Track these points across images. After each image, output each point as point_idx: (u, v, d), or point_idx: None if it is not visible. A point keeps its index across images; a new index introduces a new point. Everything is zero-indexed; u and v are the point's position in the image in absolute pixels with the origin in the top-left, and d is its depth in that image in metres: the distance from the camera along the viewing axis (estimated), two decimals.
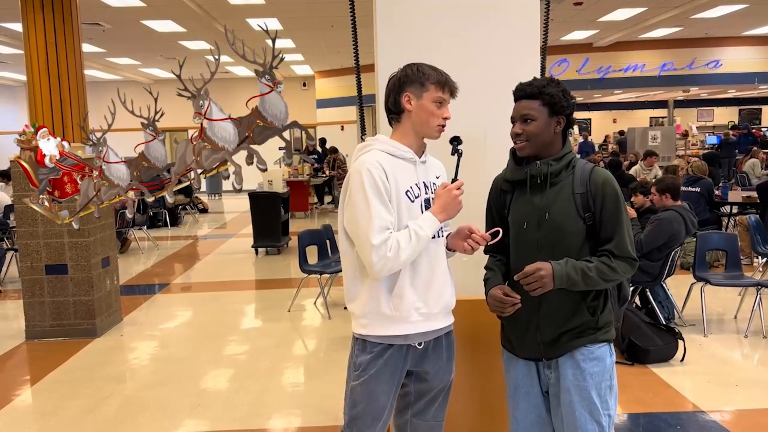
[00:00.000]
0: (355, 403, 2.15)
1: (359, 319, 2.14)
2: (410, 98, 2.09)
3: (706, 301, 5.38)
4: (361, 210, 2.01)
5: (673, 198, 5.29)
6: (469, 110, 2.72)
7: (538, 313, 2.10)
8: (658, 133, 15.61)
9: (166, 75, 18.40)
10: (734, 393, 4.11)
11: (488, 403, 2.84)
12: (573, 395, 2.06)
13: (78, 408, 4.13)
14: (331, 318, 5.99)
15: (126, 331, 5.84)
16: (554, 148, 2.13)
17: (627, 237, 2.07)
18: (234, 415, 3.96)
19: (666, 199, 5.28)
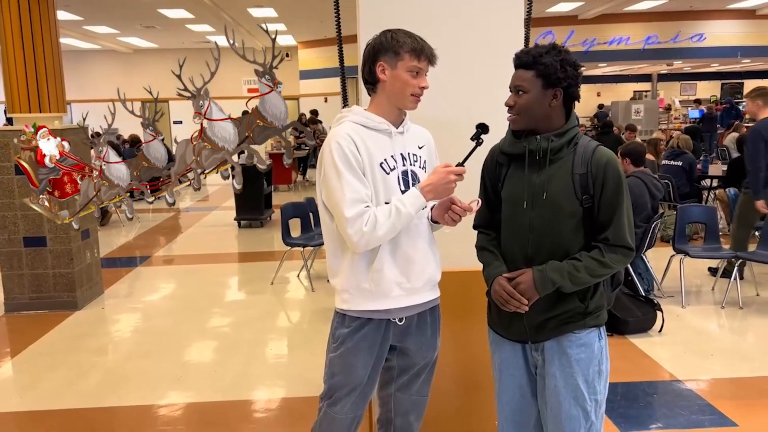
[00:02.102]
0: (333, 374, 2.16)
1: (341, 293, 2.13)
2: (384, 68, 2.02)
3: (685, 273, 5.45)
4: (334, 184, 1.97)
5: (634, 164, 5.28)
6: (452, 82, 2.70)
7: None
8: (641, 106, 15.69)
9: (146, 44, 18.07)
10: (710, 362, 4.19)
11: (474, 378, 2.86)
12: (558, 381, 2.00)
13: (60, 380, 4.11)
14: (314, 291, 6.00)
15: (107, 303, 5.80)
16: (555, 123, 1.97)
17: (626, 224, 1.93)
18: (218, 387, 3.97)
19: (627, 164, 5.27)
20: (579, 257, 1.94)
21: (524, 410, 2.13)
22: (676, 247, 5.52)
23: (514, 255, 2.04)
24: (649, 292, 5.37)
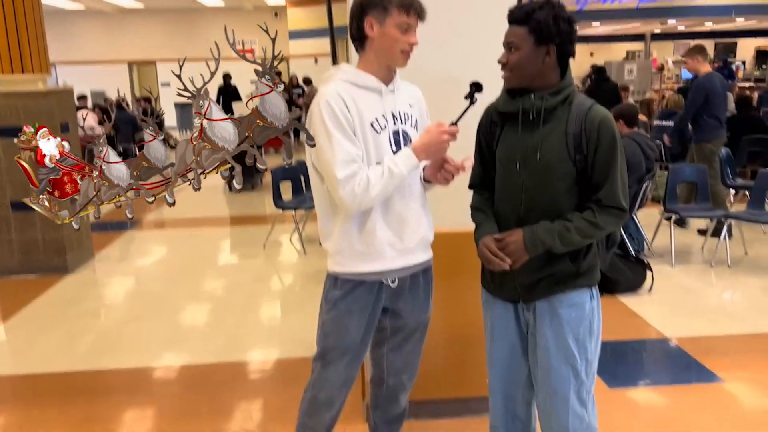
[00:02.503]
0: (325, 336, 2.17)
1: (333, 256, 2.12)
2: (372, 24, 1.96)
3: (675, 233, 5.49)
4: (324, 145, 1.93)
5: (627, 125, 5.25)
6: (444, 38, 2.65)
7: None
8: (634, 66, 15.54)
9: (132, 4, 17.66)
10: (698, 320, 4.25)
11: (466, 338, 2.89)
12: (549, 340, 2.00)
13: (53, 343, 4.13)
14: (307, 253, 6.00)
15: (98, 267, 5.79)
16: (549, 80, 1.92)
17: (619, 185, 1.89)
18: (211, 349, 4.00)
19: (621, 126, 5.24)
20: (570, 218, 1.92)
21: (515, 369, 2.15)
22: (668, 207, 5.55)
23: (507, 215, 2.02)
24: (640, 252, 5.41)
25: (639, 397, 3.30)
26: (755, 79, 18.54)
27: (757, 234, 6.05)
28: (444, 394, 2.98)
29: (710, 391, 3.31)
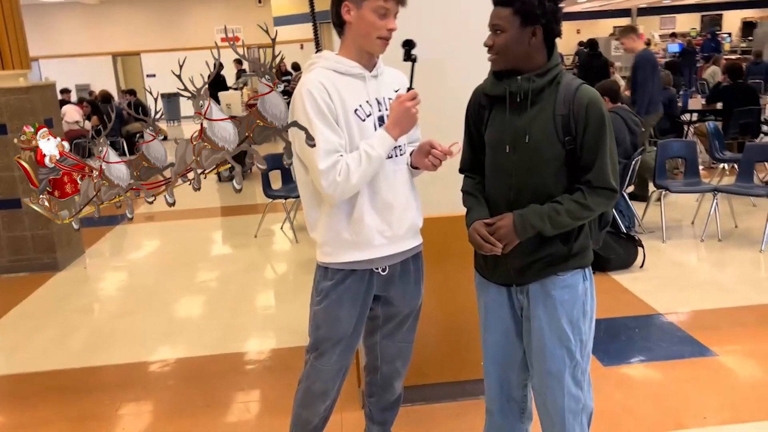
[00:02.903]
0: (317, 327, 2.15)
1: (322, 247, 2.10)
2: (350, 8, 1.92)
3: (666, 208, 5.50)
4: None
5: (612, 101, 5.31)
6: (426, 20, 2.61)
7: None
8: None
9: None
10: (690, 295, 4.27)
11: (459, 323, 2.88)
12: (542, 322, 2.00)
13: (46, 341, 4.11)
14: (298, 242, 5.99)
15: (89, 263, 5.76)
16: (536, 61, 1.89)
17: (608, 165, 1.88)
18: (206, 341, 3.99)
19: (606, 103, 5.29)
20: (560, 200, 1.90)
21: (509, 351, 2.15)
22: (657, 182, 5.55)
23: (497, 199, 2.01)
24: (630, 228, 5.43)
25: (634, 374, 3.32)
26: (742, 51, 18.53)
27: (747, 207, 6.07)
28: (439, 379, 2.99)
29: (704, 365, 3.33)
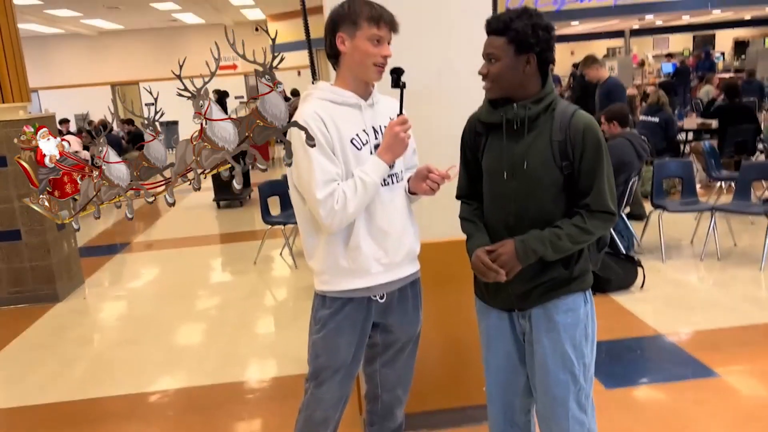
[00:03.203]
0: (316, 356, 2.15)
1: (320, 275, 2.10)
2: (344, 39, 1.95)
3: (664, 227, 5.51)
4: (304, 165, 1.93)
5: (621, 125, 5.32)
6: (420, 47, 2.65)
7: None
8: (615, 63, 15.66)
9: (111, 26, 17.61)
10: (691, 315, 4.26)
11: (461, 347, 2.87)
12: (546, 347, 2.00)
13: (46, 373, 4.08)
14: (298, 268, 5.98)
15: (89, 293, 5.74)
16: (531, 89, 1.92)
17: (606, 189, 1.90)
18: (207, 370, 3.96)
19: (614, 127, 5.31)
20: (560, 225, 1.92)
21: (512, 377, 2.14)
22: (655, 202, 5.57)
23: (497, 225, 2.02)
24: (630, 249, 5.43)
25: (637, 396, 3.30)
26: (735, 69, 18.71)
27: (745, 225, 6.09)
28: (441, 405, 2.97)
29: (708, 386, 3.31)
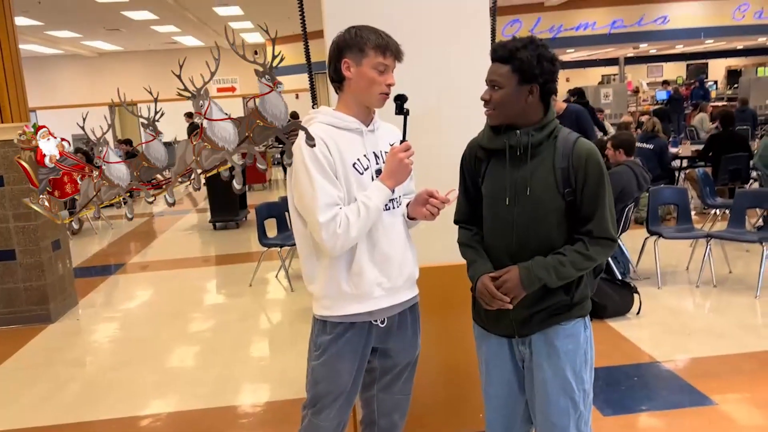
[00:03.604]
0: (316, 382, 2.12)
1: (320, 300, 2.09)
2: (349, 65, 1.97)
3: (660, 254, 5.53)
4: (306, 188, 1.93)
5: (626, 154, 5.38)
6: (419, 74, 2.68)
7: None
8: (610, 90, 15.84)
9: (111, 47, 17.75)
10: (687, 342, 4.26)
11: (459, 372, 2.86)
12: (546, 372, 2.00)
13: (38, 395, 4.03)
14: (294, 290, 5.96)
15: (83, 314, 5.70)
16: (532, 117, 1.94)
17: (608, 216, 1.92)
18: (201, 393, 3.92)
19: (620, 155, 5.37)
20: (563, 252, 1.93)
21: (512, 403, 2.13)
22: (650, 229, 5.59)
23: (499, 251, 2.02)
24: (626, 275, 5.44)
25: (634, 424, 3.27)
26: (728, 98, 18.93)
27: (740, 252, 6.11)
28: (439, 431, 2.94)
29: (705, 414, 3.30)
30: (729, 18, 15.91)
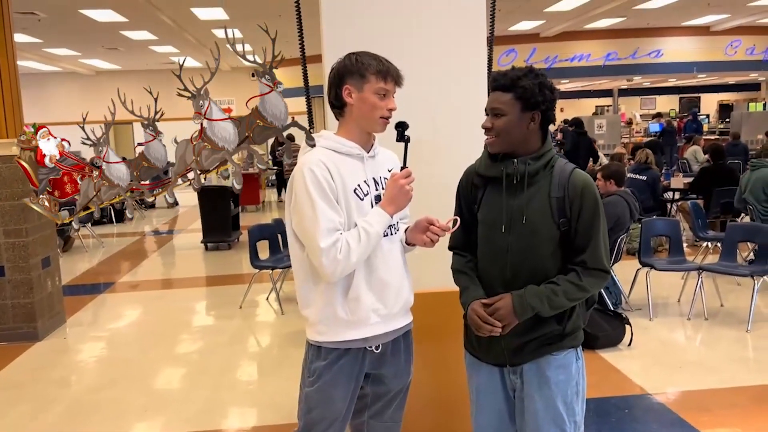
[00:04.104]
0: (309, 409, 2.09)
1: (315, 325, 2.06)
2: (351, 91, 1.98)
3: (652, 285, 5.53)
4: (307, 213, 1.92)
5: (617, 184, 5.42)
6: (417, 101, 2.70)
7: None
8: (603, 121, 16.00)
9: (108, 66, 17.83)
10: (678, 374, 4.24)
11: (449, 400, 2.84)
12: (537, 403, 1.99)
13: (21, 414, 3.96)
14: (284, 313, 5.92)
15: (70, 333, 5.63)
16: (531, 145, 1.96)
17: (602, 247, 1.94)
18: (186, 416, 3.87)
19: (610, 185, 5.41)
20: (557, 281, 1.93)
21: None
22: (642, 260, 5.60)
23: (492, 278, 2.03)
24: (617, 305, 5.43)
25: None
26: (719, 132, 19.15)
27: (731, 285, 6.12)
28: None
29: None
30: (721, 53, 16.18)
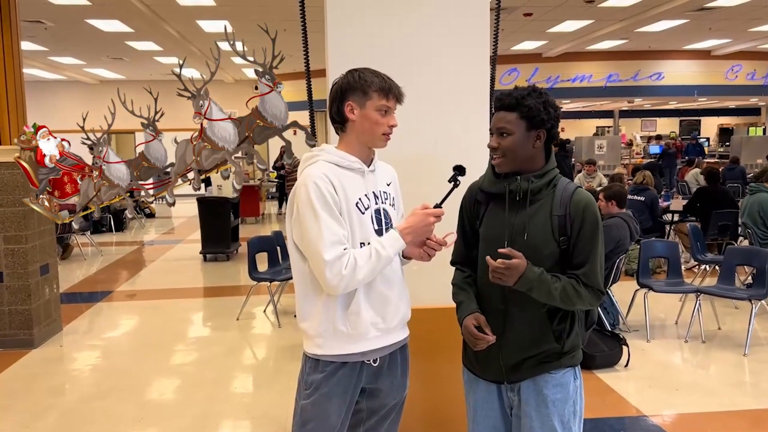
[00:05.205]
0: (304, 422, 2.09)
1: (314, 338, 2.06)
2: (353, 107, 2.00)
3: (649, 307, 5.53)
4: (311, 225, 1.92)
5: (618, 205, 5.44)
6: (419, 119, 2.73)
7: (502, 336, 1.99)
8: (604, 142, 16.07)
9: (113, 75, 17.93)
10: (675, 397, 4.23)
11: (446, 416, 2.83)
12: (534, 422, 1.98)
13: (14, 422, 3.94)
14: (281, 326, 5.90)
15: (66, 341, 5.61)
16: (536, 163, 1.99)
17: (598, 268, 1.95)
18: (180, 427, 3.85)
19: (612, 206, 5.43)
20: (559, 277, 1.94)
21: None
22: (640, 281, 5.60)
23: (492, 293, 2.03)
24: (615, 326, 5.43)
25: None
26: (719, 155, 19.23)
27: (729, 308, 6.12)
28: None
29: None
30: (722, 77, 16.29)
